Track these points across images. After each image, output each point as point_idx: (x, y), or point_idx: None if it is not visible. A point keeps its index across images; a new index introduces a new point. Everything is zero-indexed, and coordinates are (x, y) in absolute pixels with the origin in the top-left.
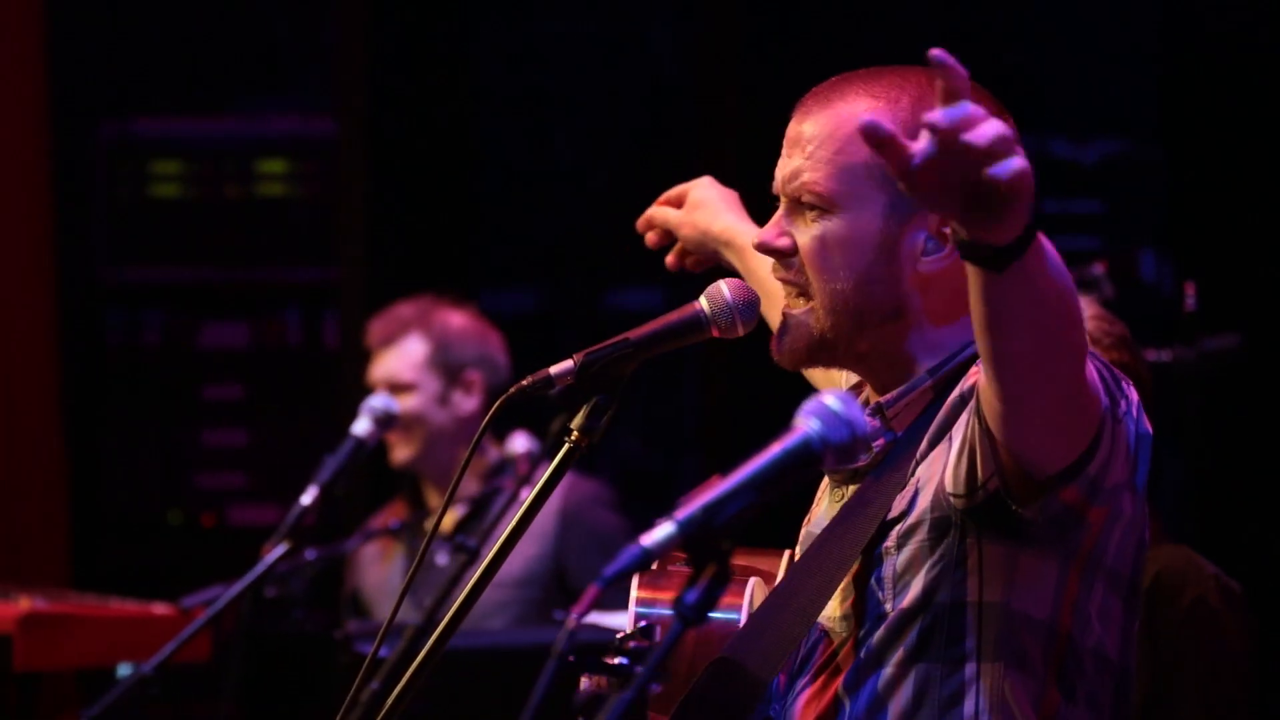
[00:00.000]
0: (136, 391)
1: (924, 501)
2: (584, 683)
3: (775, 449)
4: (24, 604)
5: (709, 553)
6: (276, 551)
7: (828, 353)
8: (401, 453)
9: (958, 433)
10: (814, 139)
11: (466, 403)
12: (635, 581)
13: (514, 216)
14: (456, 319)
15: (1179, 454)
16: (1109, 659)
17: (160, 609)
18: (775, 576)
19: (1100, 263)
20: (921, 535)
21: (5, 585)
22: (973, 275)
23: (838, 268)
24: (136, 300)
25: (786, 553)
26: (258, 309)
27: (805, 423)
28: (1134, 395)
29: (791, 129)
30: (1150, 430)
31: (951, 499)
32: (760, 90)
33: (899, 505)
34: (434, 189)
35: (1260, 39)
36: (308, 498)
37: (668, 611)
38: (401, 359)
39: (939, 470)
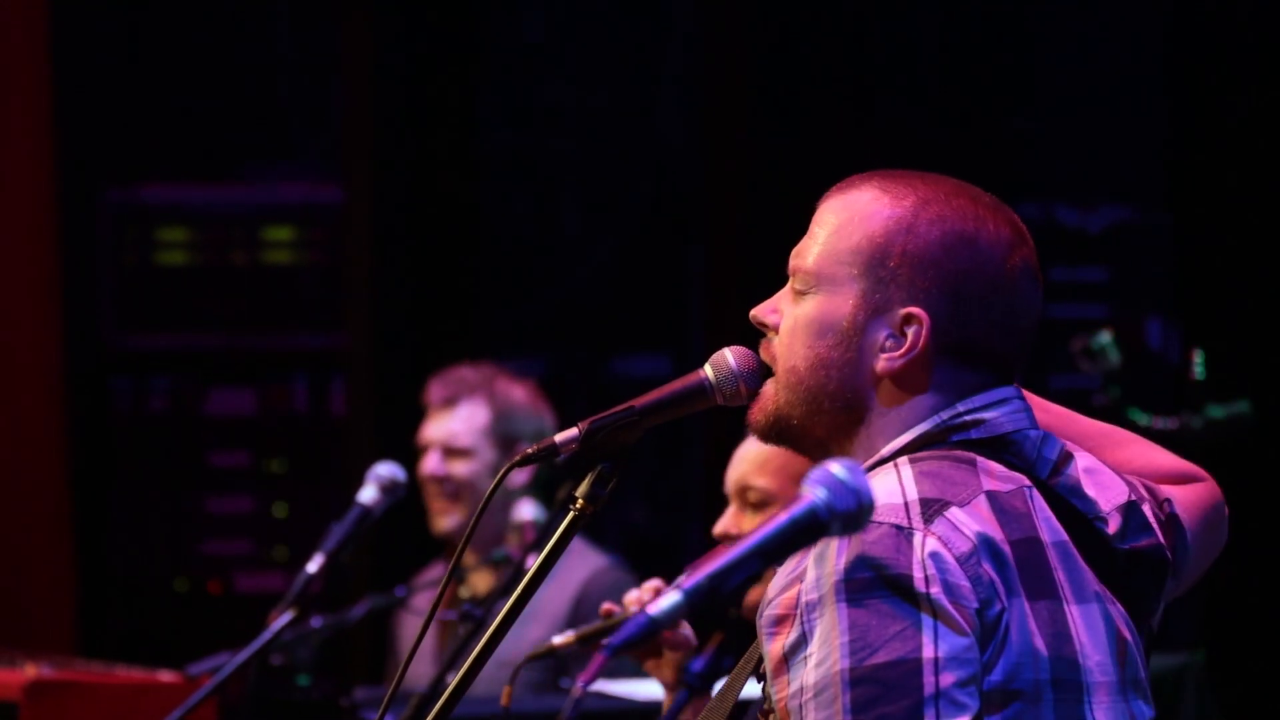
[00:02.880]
0: (143, 458)
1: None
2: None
3: (782, 517)
4: (30, 671)
5: (715, 621)
6: (283, 619)
7: (787, 432)
8: (447, 520)
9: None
10: (821, 223)
11: (518, 476)
12: None
13: (520, 284)
14: (518, 391)
15: None
16: None
17: (166, 676)
18: None
19: (1107, 330)
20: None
21: (11, 652)
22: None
23: (798, 346)
24: (143, 367)
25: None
26: (265, 376)
27: (811, 491)
28: (932, 564)
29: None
30: (974, 559)
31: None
32: (765, 161)
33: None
34: (441, 256)
35: (1267, 106)
36: (314, 565)
37: None
38: (463, 422)
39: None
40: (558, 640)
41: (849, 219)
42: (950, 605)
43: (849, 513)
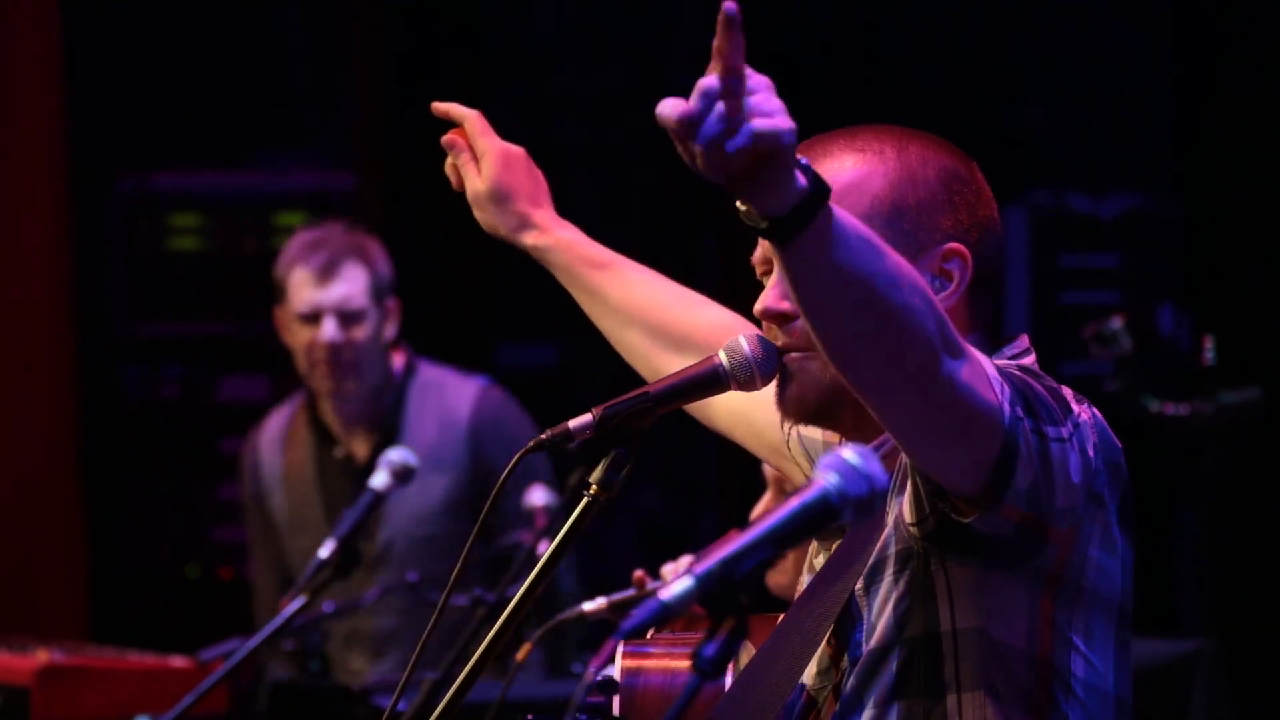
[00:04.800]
0: (155, 446)
1: (884, 536)
2: None
3: (794, 503)
4: (42, 656)
5: (727, 607)
6: (294, 604)
7: (836, 403)
8: (350, 385)
9: None
10: None
11: (390, 329)
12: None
13: (533, 271)
14: (375, 245)
15: (1197, 506)
16: (1105, 691)
17: (178, 661)
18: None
19: (1119, 316)
20: (888, 570)
21: (24, 638)
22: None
23: None
24: (155, 354)
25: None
26: (276, 362)
27: (824, 477)
28: (1085, 415)
29: None
30: (1114, 452)
31: (910, 529)
32: None
33: (876, 552)
34: (452, 243)
35: (1277, 94)
36: (326, 551)
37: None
38: (352, 284)
39: (898, 503)
40: (588, 607)
41: (845, 190)
42: (1087, 447)
43: (861, 498)
